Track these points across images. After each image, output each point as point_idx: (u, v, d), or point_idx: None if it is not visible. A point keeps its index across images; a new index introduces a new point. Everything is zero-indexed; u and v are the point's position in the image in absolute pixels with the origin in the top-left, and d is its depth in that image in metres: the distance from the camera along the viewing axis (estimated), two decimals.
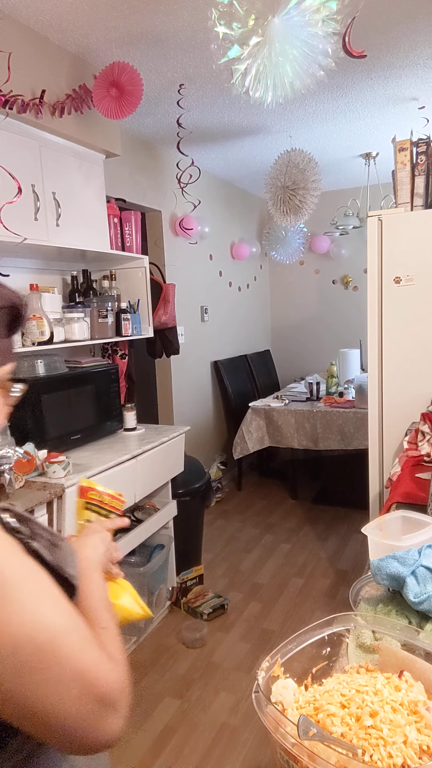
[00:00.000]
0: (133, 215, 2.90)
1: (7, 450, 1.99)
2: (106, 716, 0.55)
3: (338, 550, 3.47)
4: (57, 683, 0.52)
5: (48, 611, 0.54)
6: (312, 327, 5.65)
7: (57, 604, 0.56)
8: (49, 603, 0.55)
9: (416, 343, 2.41)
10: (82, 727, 0.54)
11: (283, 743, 0.67)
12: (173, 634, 2.65)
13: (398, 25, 2.25)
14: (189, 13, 2.08)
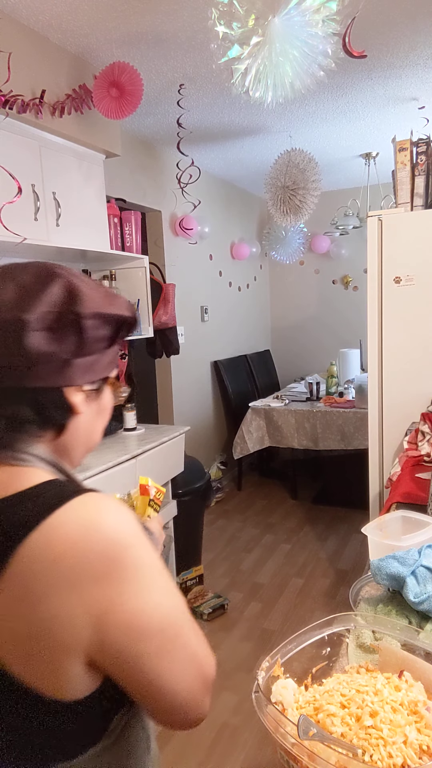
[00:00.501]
0: (133, 215, 2.90)
1: None
2: (205, 696, 0.64)
3: (338, 550, 3.47)
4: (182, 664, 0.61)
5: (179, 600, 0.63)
6: (312, 327, 5.65)
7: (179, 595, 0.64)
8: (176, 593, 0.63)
9: (416, 343, 2.41)
10: (189, 703, 0.62)
11: (283, 743, 0.67)
12: None
13: (398, 25, 2.25)
14: (189, 13, 2.08)
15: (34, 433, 0.65)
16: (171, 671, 0.60)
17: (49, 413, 0.65)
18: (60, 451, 0.68)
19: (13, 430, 0.63)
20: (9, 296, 0.62)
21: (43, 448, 0.66)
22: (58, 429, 0.67)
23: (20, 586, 0.55)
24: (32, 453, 0.64)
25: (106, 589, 0.57)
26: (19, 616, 0.56)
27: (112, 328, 0.68)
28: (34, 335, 0.61)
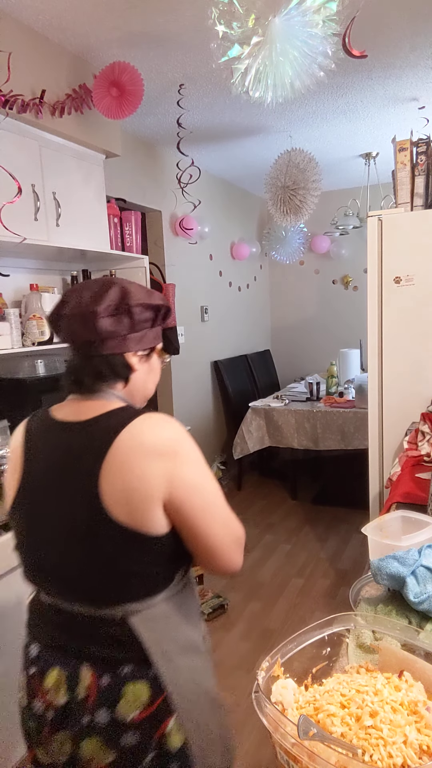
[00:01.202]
0: (133, 215, 2.90)
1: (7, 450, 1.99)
2: (237, 550, 0.98)
3: (338, 550, 3.47)
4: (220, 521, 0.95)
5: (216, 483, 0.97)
6: (312, 327, 5.65)
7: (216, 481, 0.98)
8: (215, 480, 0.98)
9: (416, 343, 2.41)
10: (225, 552, 0.96)
11: (283, 743, 0.67)
12: None
13: (398, 25, 2.25)
14: (189, 13, 2.08)
15: (111, 382, 1.00)
16: (212, 524, 0.94)
17: (118, 370, 0.99)
18: (128, 395, 1.02)
19: (98, 381, 0.99)
20: (86, 298, 0.96)
21: (118, 392, 1.01)
22: (125, 380, 1.01)
23: (120, 461, 0.88)
24: (112, 393, 1.00)
25: (171, 463, 0.90)
26: (122, 480, 0.88)
27: (152, 313, 1.01)
28: (103, 320, 0.95)
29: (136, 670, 0.91)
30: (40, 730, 0.97)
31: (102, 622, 0.93)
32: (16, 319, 2.12)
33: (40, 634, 1.01)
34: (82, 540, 0.91)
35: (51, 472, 0.96)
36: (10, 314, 2.10)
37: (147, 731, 0.91)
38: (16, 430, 1.09)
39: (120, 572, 0.91)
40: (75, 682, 0.93)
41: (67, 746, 0.93)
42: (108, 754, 0.90)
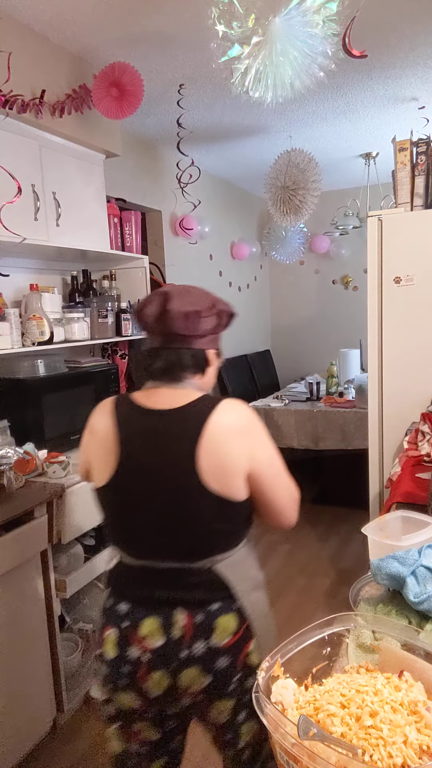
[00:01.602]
0: (133, 215, 2.90)
1: (7, 450, 1.99)
2: (295, 510, 1.22)
3: (338, 549, 3.47)
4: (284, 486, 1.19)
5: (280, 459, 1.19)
6: (312, 327, 5.65)
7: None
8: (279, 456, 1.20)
9: (416, 343, 2.41)
10: (287, 510, 1.20)
11: (283, 743, 0.67)
12: None
13: (398, 25, 2.25)
14: (189, 13, 2.08)
15: (193, 374, 1.19)
16: (279, 490, 1.18)
17: (200, 363, 1.19)
18: (202, 385, 1.22)
19: (184, 372, 1.18)
20: (191, 299, 1.16)
21: (196, 382, 1.20)
22: (202, 372, 1.21)
23: (212, 442, 1.09)
24: (193, 383, 1.19)
25: (250, 442, 1.13)
26: (215, 457, 1.09)
27: (228, 318, 1.22)
28: (204, 320, 1.15)
29: (224, 606, 1.15)
30: (135, 674, 1.14)
31: (192, 573, 1.15)
32: (16, 319, 2.12)
33: (129, 593, 1.19)
34: (182, 508, 1.12)
35: (151, 452, 1.13)
36: (10, 314, 2.10)
37: (235, 654, 1.15)
38: (98, 416, 1.21)
39: (212, 531, 1.14)
40: (170, 626, 1.12)
41: (164, 681, 1.13)
42: (205, 679, 1.13)
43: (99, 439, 1.19)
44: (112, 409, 1.19)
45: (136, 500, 1.16)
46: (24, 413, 2.18)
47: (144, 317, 1.18)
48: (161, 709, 1.19)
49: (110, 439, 1.16)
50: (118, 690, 1.17)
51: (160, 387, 1.18)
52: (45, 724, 2.00)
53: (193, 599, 1.14)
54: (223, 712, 1.17)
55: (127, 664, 1.14)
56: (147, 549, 1.16)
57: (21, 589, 1.86)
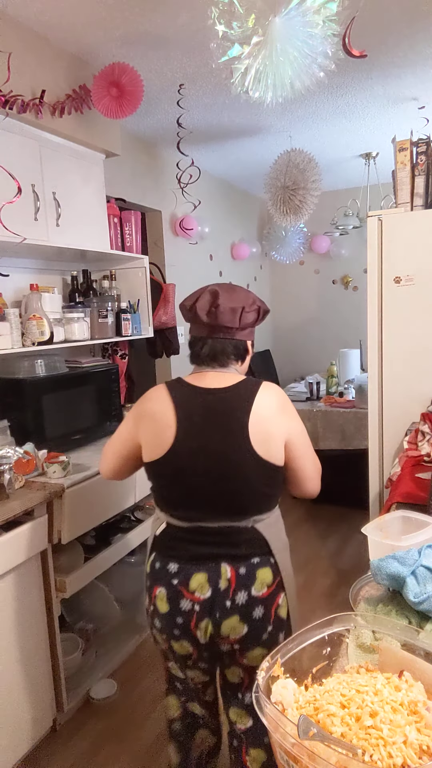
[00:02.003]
0: (133, 215, 2.90)
1: (7, 450, 1.99)
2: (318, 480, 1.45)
3: (338, 549, 3.47)
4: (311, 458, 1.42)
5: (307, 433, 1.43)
6: (312, 327, 5.65)
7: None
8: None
9: (416, 343, 2.41)
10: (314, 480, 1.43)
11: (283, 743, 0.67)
12: None
13: (398, 25, 2.25)
14: (189, 13, 2.08)
15: (235, 360, 1.42)
16: (308, 458, 1.42)
17: (242, 352, 1.43)
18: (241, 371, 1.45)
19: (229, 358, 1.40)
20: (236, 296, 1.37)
21: (237, 368, 1.43)
22: (242, 360, 1.44)
23: (259, 414, 1.31)
24: (234, 368, 1.42)
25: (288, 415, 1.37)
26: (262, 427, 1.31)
27: (264, 314, 1.45)
28: (246, 314, 1.38)
29: (263, 560, 1.35)
30: (189, 622, 1.32)
31: (238, 531, 1.34)
32: (16, 319, 2.12)
33: (178, 554, 1.36)
34: (235, 471, 1.32)
35: (208, 424, 1.33)
36: (10, 314, 2.10)
37: (268, 605, 1.34)
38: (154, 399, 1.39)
39: (257, 493, 1.35)
40: (217, 579, 1.32)
41: (209, 629, 1.31)
42: (242, 628, 1.31)
43: (157, 418, 1.36)
44: (167, 392, 1.38)
45: (194, 469, 1.33)
46: (24, 413, 2.18)
47: (195, 310, 1.38)
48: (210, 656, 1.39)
49: (168, 416, 1.34)
50: (174, 639, 1.36)
51: (207, 371, 1.41)
52: (45, 724, 2.00)
53: (238, 554, 1.34)
54: (255, 659, 1.35)
55: (180, 615, 1.33)
56: (200, 511, 1.35)
57: (21, 589, 1.86)
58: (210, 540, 1.35)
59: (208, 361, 1.40)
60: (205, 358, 1.40)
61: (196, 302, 1.38)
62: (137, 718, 2.13)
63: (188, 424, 1.33)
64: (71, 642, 2.27)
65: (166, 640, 1.38)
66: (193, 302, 1.39)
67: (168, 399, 1.36)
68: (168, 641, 1.38)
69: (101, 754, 1.97)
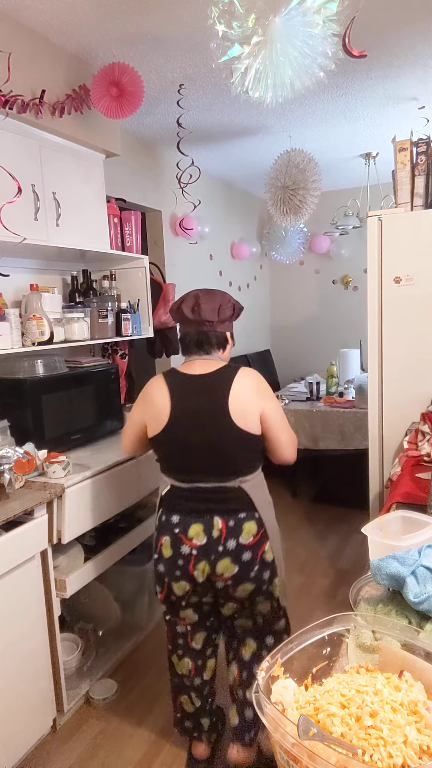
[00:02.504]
0: (133, 215, 2.90)
1: (7, 450, 1.99)
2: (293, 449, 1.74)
3: (338, 549, 3.47)
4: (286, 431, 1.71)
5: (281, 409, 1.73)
6: (312, 327, 5.64)
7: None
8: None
9: (416, 343, 2.41)
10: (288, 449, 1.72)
11: (283, 743, 0.67)
12: None
13: (398, 25, 2.25)
14: (189, 13, 2.08)
15: (218, 349, 1.72)
16: (282, 429, 1.68)
17: (222, 342, 1.73)
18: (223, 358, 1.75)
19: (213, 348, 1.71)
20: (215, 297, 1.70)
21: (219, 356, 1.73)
22: (223, 348, 1.75)
23: (237, 393, 1.60)
24: (217, 356, 1.72)
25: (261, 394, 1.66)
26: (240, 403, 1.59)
27: (238, 309, 1.76)
28: (223, 310, 1.68)
29: (249, 515, 1.64)
30: (187, 564, 1.63)
31: (227, 490, 1.64)
32: (16, 319, 2.12)
33: (179, 508, 1.67)
34: (220, 440, 1.61)
35: (196, 404, 1.63)
36: (10, 314, 2.10)
37: (255, 550, 1.63)
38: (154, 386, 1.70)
39: (240, 457, 1.64)
40: (210, 529, 1.62)
41: (206, 569, 1.62)
42: (234, 568, 1.61)
43: (156, 401, 1.67)
44: (163, 380, 1.70)
45: (187, 439, 1.63)
46: (24, 413, 2.18)
47: (182, 310, 1.70)
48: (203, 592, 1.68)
49: (165, 399, 1.65)
50: (175, 580, 1.66)
51: (194, 360, 1.71)
52: (45, 723, 2.00)
53: (227, 509, 1.64)
54: (245, 591, 1.65)
55: (181, 558, 1.63)
56: (196, 474, 1.65)
57: (21, 589, 1.86)
58: (205, 497, 1.64)
59: (195, 350, 1.71)
60: (192, 346, 1.71)
61: (182, 304, 1.70)
62: (137, 718, 2.14)
63: (180, 404, 1.64)
64: (71, 642, 2.27)
65: (168, 583, 1.67)
66: (179, 304, 1.71)
67: (164, 385, 1.68)
68: (170, 583, 1.67)
69: (101, 754, 1.97)
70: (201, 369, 1.67)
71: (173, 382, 1.68)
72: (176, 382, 1.68)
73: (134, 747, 2.00)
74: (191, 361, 1.71)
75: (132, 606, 2.61)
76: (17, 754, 1.87)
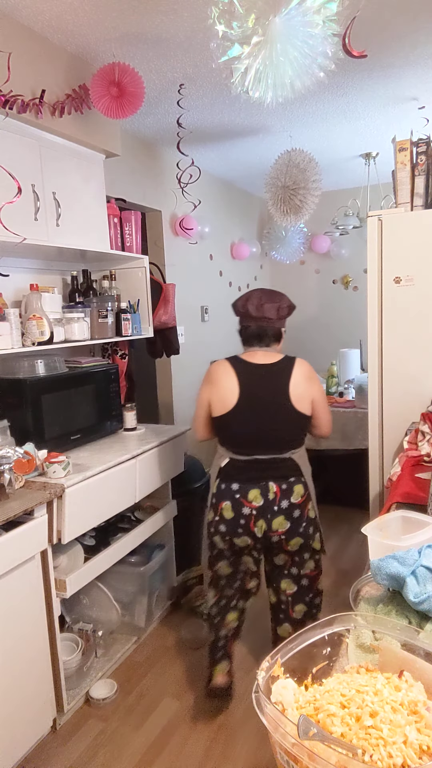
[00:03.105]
0: (133, 215, 2.90)
1: (7, 450, 1.99)
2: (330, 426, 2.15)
3: (338, 549, 3.47)
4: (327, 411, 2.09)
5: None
6: (312, 327, 5.64)
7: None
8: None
9: (416, 343, 2.41)
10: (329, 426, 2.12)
11: (283, 743, 0.67)
12: (173, 634, 2.65)
13: (398, 25, 2.25)
14: (189, 12, 2.08)
15: (275, 342, 2.07)
16: (325, 411, 2.08)
17: (278, 336, 2.08)
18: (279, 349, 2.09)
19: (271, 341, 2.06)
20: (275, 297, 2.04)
21: (276, 348, 2.08)
22: (279, 341, 2.09)
23: (295, 381, 1.98)
24: (275, 348, 2.07)
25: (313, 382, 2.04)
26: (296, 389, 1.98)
27: (293, 308, 2.08)
28: (282, 310, 2.04)
29: (297, 479, 2.01)
30: (248, 522, 1.99)
31: (281, 460, 2.00)
32: (16, 319, 2.12)
33: (238, 478, 2.01)
34: (281, 420, 1.98)
35: (263, 389, 1.98)
36: (10, 314, 2.10)
37: (302, 508, 2.01)
38: (221, 372, 2.04)
39: (293, 434, 2.02)
40: (267, 492, 1.97)
41: (263, 526, 1.98)
42: (286, 524, 1.98)
43: (223, 384, 2.01)
44: (230, 366, 2.04)
45: (252, 419, 1.98)
46: (24, 413, 2.18)
47: (247, 308, 2.04)
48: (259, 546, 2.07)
49: (232, 383, 1.99)
50: (237, 536, 2.02)
51: (256, 351, 2.06)
52: (45, 724, 2.00)
53: (280, 475, 2.00)
54: (296, 545, 2.03)
55: (242, 518, 1.99)
56: (256, 448, 2.00)
57: (21, 589, 1.86)
58: (262, 467, 2.00)
59: (257, 342, 2.06)
60: (253, 339, 2.07)
61: (247, 302, 2.04)
62: (137, 718, 2.13)
63: (248, 388, 1.98)
64: (71, 642, 2.27)
65: (230, 539, 2.03)
66: (245, 302, 2.05)
67: (231, 371, 2.02)
68: (231, 539, 2.03)
69: (101, 754, 1.97)
70: (264, 359, 2.02)
71: (240, 369, 2.01)
72: (243, 369, 2.01)
73: (134, 747, 2.00)
74: (253, 352, 2.05)
75: (132, 606, 2.61)
76: (17, 754, 1.87)
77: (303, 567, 2.09)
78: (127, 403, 2.82)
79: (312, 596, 2.16)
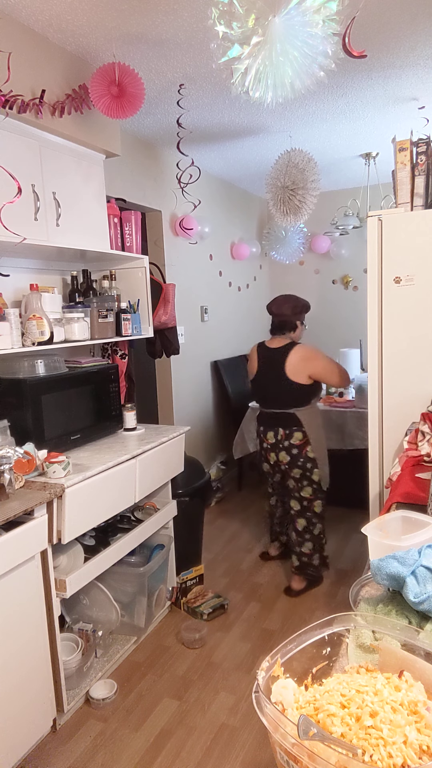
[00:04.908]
0: (133, 215, 2.90)
1: (7, 450, 1.99)
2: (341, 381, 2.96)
3: (338, 549, 3.47)
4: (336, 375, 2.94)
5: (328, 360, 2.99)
6: (312, 327, 5.60)
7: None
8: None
9: (416, 343, 2.41)
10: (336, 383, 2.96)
11: (283, 743, 0.67)
12: (173, 635, 2.65)
13: (398, 25, 2.25)
14: (189, 13, 2.08)
15: (289, 332, 3.00)
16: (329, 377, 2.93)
17: (291, 327, 3.00)
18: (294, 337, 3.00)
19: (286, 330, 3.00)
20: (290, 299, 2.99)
21: (290, 336, 2.99)
22: (293, 331, 3.00)
23: (293, 361, 2.88)
24: (288, 336, 2.99)
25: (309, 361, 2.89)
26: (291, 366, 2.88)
27: (308, 307, 3.04)
28: (296, 308, 2.98)
29: (297, 428, 2.90)
30: (266, 454, 3.03)
31: (286, 414, 2.91)
32: (16, 319, 2.12)
33: (263, 423, 3.02)
34: (281, 386, 2.88)
35: (269, 365, 2.92)
36: (10, 314, 2.10)
37: (300, 448, 2.90)
38: (253, 351, 3.05)
39: (292, 397, 2.89)
40: (276, 434, 2.94)
41: (274, 457, 2.99)
42: (287, 457, 2.93)
43: (252, 359, 3.02)
44: (256, 348, 3.02)
45: (263, 384, 2.96)
46: (24, 413, 2.17)
47: (272, 308, 2.97)
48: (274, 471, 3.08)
49: (255, 358, 3.00)
50: (262, 461, 3.09)
51: (275, 338, 2.97)
52: (45, 724, 2.00)
53: (285, 424, 2.91)
54: (296, 473, 2.92)
55: (264, 451, 3.03)
56: (270, 404, 2.96)
57: (21, 589, 1.86)
58: (274, 417, 2.94)
59: (278, 331, 2.97)
60: (276, 329, 2.98)
61: (272, 304, 2.96)
62: (136, 719, 2.13)
63: (262, 363, 2.96)
64: (71, 642, 2.27)
65: (260, 462, 3.13)
66: (271, 304, 2.96)
67: (255, 351, 3.02)
68: (261, 462, 3.12)
69: (101, 754, 1.97)
70: (276, 344, 2.92)
71: (261, 351, 2.99)
72: (262, 350, 2.98)
73: (134, 747, 2.00)
74: (273, 338, 2.97)
75: (131, 606, 2.61)
76: (17, 754, 1.87)
77: (302, 491, 2.92)
78: (127, 403, 2.82)
79: (311, 515, 2.96)
